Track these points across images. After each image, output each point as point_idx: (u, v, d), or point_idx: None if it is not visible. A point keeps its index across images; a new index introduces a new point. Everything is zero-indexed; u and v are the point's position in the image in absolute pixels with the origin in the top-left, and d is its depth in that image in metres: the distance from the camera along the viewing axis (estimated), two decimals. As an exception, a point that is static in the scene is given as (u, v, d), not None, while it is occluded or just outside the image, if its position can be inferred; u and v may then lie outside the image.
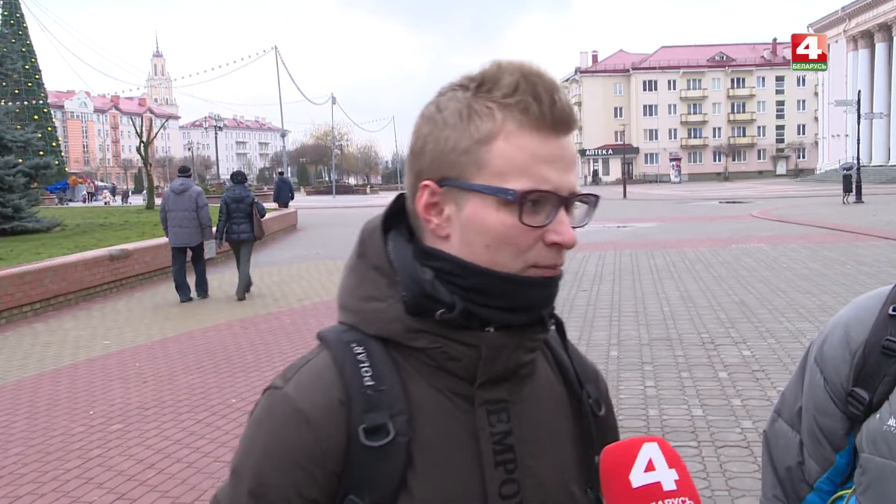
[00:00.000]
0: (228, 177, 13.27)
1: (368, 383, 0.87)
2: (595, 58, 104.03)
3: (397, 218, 0.96)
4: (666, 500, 0.83)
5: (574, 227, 0.88)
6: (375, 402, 0.87)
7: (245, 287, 11.47)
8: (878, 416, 1.12)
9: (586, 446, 0.98)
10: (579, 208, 0.92)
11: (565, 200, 0.87)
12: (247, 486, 0.88)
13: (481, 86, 0.87)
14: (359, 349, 0.90)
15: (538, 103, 0.85)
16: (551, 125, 0.86)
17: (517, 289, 0.88)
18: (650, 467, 0.85)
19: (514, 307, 0.88)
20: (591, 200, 0.92)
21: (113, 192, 68.54)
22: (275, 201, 27.98)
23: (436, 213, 0.89)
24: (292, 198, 28.71)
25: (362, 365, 0.89)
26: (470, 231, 0.87)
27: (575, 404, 1.00)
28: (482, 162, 0.86)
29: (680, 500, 0.84)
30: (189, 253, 11.49)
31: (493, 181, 0.85)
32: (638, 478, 0.85)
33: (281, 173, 34.69)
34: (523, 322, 0.90)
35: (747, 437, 4.96)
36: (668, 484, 0.84)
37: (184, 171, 12.14)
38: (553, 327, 0.99)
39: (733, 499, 4.05)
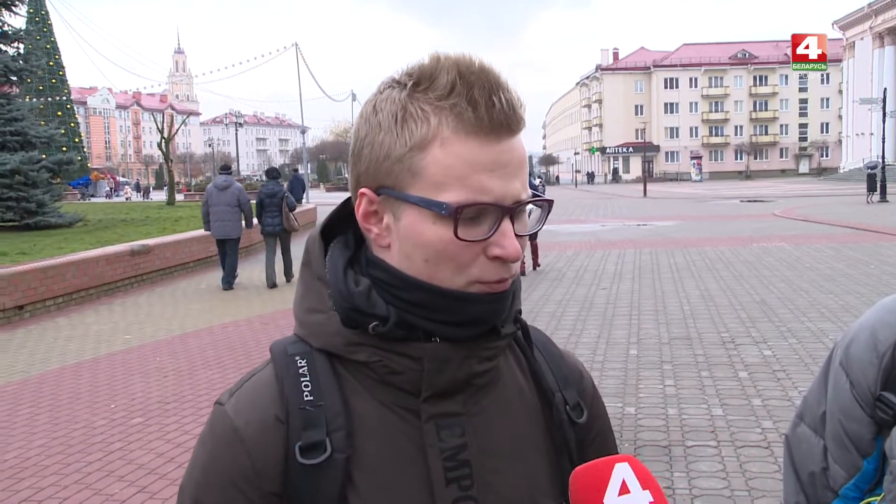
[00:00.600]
0: (263, 173, 14.16)
1: (307, 398, 0.84)
2: (616, 55, 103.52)
3: (347, 223, 0.92)
4: None
5: (523, 236, 0.83)
6: (313, 419, 0.83)
7: (287, 275, 12.44)
8: None
9: (561, 456, 0.92)
10: (533, 212, 0.86)
11: (509, 210, 0.80)
12: None
13: (417, 84, 0.81)
14: (302, 362, 0.86)
15: (473, 107, 0.79)
16: (489, 130, 0.79)
17: (460, 305, 0.82)
18: (624, 490, 0.82)
19: (459, 322, 0.83)
20: (544, 206, 0.87)
21: (138, 188, 69.05)
22: None
23: (375, 221, 0.85)
24: (304, 192, 28.92)
25: (303, 379, 0.85)
26: (408, 244, 0.82)
27: (549, 412, 0.94)
28: (417, 170, 0.80)
29: None
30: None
31: (428, 192, 0.80)
32: (613, 502, 0.82)
33: (296, 170, 35.16)
34: (470, 336, 0.85)
35: (767, 437, 4.92)
36: None
37: (226, 169, 13.05)
38: (519, 332, 0.94)
39: (753, 499, 4.02)
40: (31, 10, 46.32)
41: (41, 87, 47.05)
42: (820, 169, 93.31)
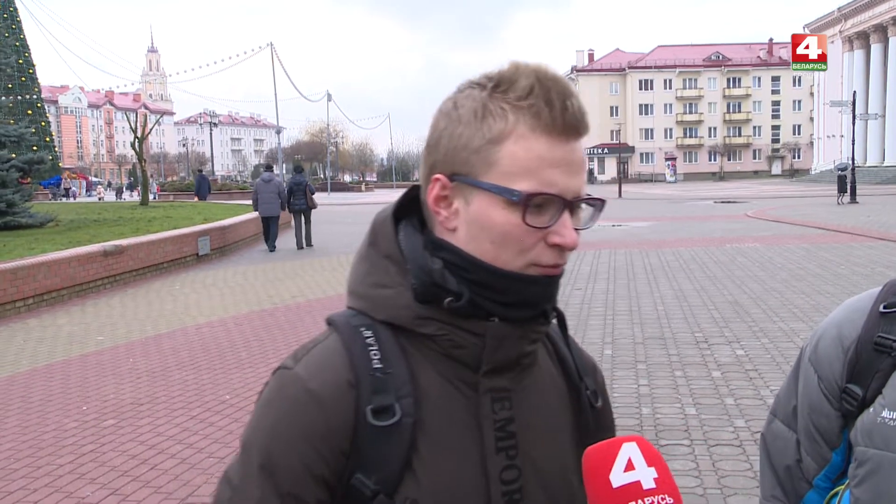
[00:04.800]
0: (292, 167, 20.84)
1: (377, 366, 0.90)
2: (591, 56, 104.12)
3: (409, 209, 0.99)
4: (646, 499, 0.85)
5: (578, 230, 0.90)
6: (383, 384, 0.89)
7: (308, 241, 17.87)
8: (871, 409, 1.15)
9: (584, 438, 1.00)
10: (585, 210, 0.94)
11: (570, 204, 0.89)
12: (257, 461, 0.90)
13: (498, 86, 0.90)
14: (367, 333, 0.93)
15: (549, 108, 0.87)
16: (561, 130, 0.88)
17: (518, 286, 0.90)
18: (630, 466, 0.86)
19: (515, 302, 0.91)
20: (597, 204, 0.94)
21: (131, 188, 67.43)
22: (195, 195, 32.13)
23: (445, 206, 0.92)
24: (209, 190, 32.39)
25: (371, 348, 0.91)
26: (476, 226, 0.90)
27: (574, 396, 1.03)
28: (492, 161, 0.88)
29: (659, 497, 0.85)
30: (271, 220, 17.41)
31: (500, 181, 0.88)
32: (618, 477, 0.86)
33: (200, 170, 39.34)
34: (525, 316, 0.92)
35: (740, 435, 4.97)
36: (648, 482, 0.86)
37: (269, 168, 18.95)
38: (555, 321, 1.01)
39: (725, 497, 4.06)
40: None
41: (10, 86, 46.28)
42: (792, 170, 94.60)
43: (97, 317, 9.89)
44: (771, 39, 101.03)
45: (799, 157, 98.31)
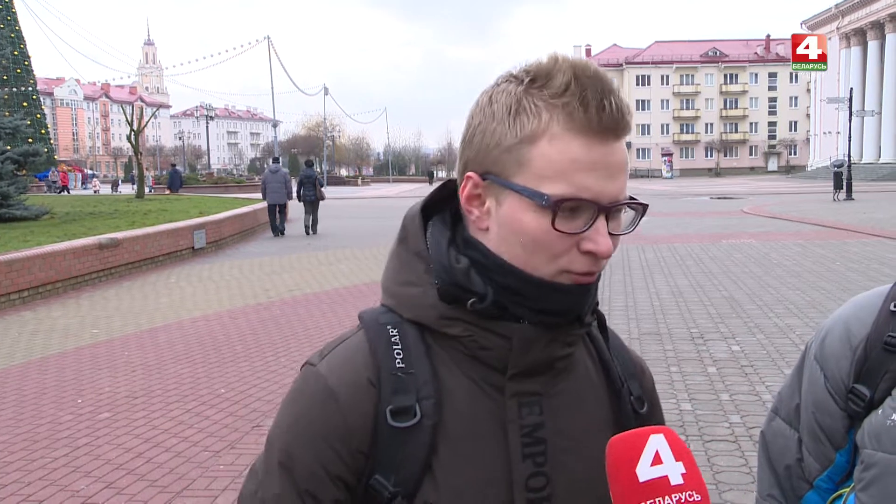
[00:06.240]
0: (304, 162, 22.89)
1: (399, 365, 0.89)
2: (588, 52, 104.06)
3: (443, 203, 0.97)
4: (673, 495, 0.82)
5: (616, 234, 0.87)
6: (404, 385, 0.88)
7: (314, 227, 19.84)
8: (880, 411, 1.11)
9: None
10: (626, 213, 0.90)
11: (605, 209, 0.85)
12: (277, 457, 0.91)
13: (534, 81, 0.86)
14: (393, 331, 0.91)
15: (584, 108, 0.83)
16: (597, 131, 0.84)
17: (547, 293, 0.87)
18: (657, 460, 0.84)
19: (544, 309, 0.88)
20: (638, 209, 0.90)
21: (133, 180, 67.52)
22: (168, 188, 34.85)
23: (477, 205, 0.90)
24: (181, 184, 35.44)
25: (395, 347, 0.90)
26: (506, 229, 0.87)
27: (616, 403, 0.99)
28: (524, 161, 0.85)
29: (687, 493, 0.83)
30: (278, 208, 19.61)
31: (531, 183, 0.84)
32: (645, 472, 0.83)
33: (174, 165, 42.27)
34: (555, 322, 0.89)
35: (735, 431, 4.98)
36: (676, 478, 0.83)
37: (276, 160, 22.13)
38: (595, 323, 0.99)
39: (721, 492, 4.07)
40: (-5, -1, 45.44)
41: (6, 77, 46.10)
42: (788, 167, 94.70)
43: (92, 310, 9.87)
44: (768, 36, 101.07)
45: (795, 154, 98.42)
